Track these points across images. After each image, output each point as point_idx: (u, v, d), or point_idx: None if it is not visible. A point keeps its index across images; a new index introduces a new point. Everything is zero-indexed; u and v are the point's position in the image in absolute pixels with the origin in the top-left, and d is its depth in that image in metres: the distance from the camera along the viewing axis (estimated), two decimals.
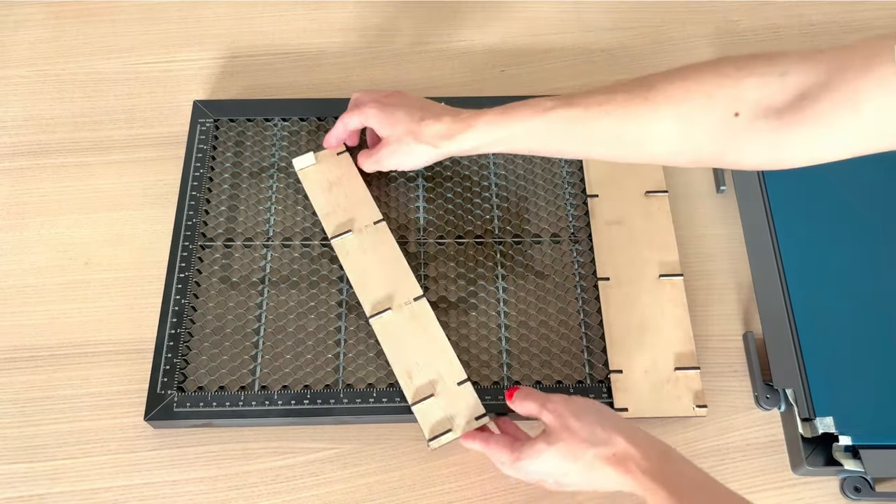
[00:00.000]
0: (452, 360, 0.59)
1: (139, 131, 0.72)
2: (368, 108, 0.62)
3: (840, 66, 0.45)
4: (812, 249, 0.64)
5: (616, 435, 0.49)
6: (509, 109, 0.56)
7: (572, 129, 0.54)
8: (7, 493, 0.56)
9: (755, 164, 0.50)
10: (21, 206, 0.68)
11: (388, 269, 0.62)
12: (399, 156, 0.61)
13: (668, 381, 0.59)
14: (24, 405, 0.59)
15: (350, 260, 0.63)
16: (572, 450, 0.50)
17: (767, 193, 0.67)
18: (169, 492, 0.57)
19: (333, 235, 0.64)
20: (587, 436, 0.50)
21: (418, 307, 0.61)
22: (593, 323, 0.62)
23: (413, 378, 0.58)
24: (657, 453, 0.49)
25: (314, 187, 0.66)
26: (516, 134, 0.56)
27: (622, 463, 0.48)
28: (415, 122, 0.60)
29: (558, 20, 0.79)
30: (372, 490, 0.57)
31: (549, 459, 0.50)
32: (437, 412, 0.57)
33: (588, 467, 0.49)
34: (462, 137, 0.58)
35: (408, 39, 0.78)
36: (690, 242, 0.67)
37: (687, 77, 0.50)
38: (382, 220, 0.64)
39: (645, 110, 0.51)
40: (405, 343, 0.60)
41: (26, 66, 0.75)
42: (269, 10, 0.79)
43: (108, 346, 0.62)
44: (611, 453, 0.49)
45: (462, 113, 0.58)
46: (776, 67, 0.47)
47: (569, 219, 0.67)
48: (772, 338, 0.62)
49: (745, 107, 0.48)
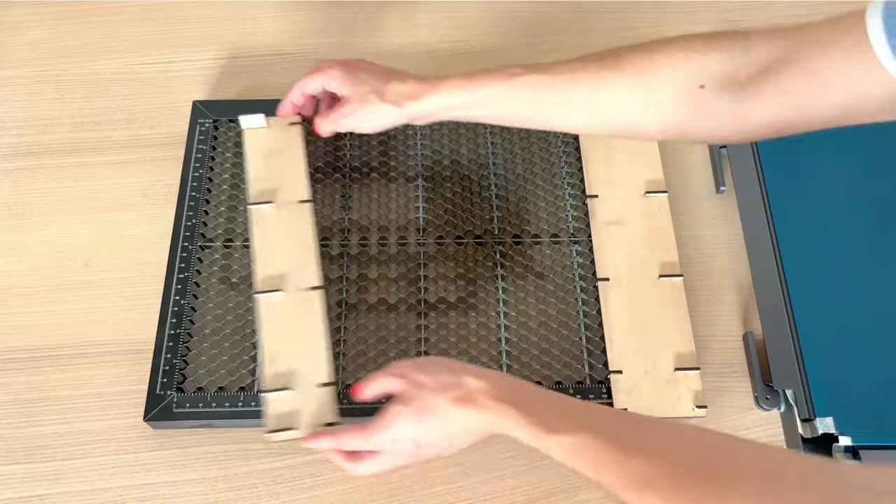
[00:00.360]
0: (324, 360, 0.57)
1: (139, 131, 0.72)
2: (331, 70, 0.61)
3: (804, 42, 0.46)
4: (812, 249, 0.64)
5: (464, 376, 0.50)
6: (475, 74, 0.57)
7: (540, 95, 0.55)
8: (7, 493, 0.56)
9: (721, 137, 0.52)
10: (21, 206, 0.68)
11: (296, 251, 0.62)
12: (360, 115, 0.60)
13: (668, 382, 0.59)
14: (24, 405, 0.59)
15: (260, 230, 0.62)
16: (426, 404, 0.49)
17: (767, 193, 0.67)
18: (169, 492, 0.57)
19: (253, 202, 0.63)
20: (436, 385, 0.50)
21: (311, 297, 0.60)
22: (593, 323, 0.62)
23: (276, 364, 0.57)
24: (504, 382, 0.50)
25: (254, 150, 0.66)
26: (482, 97, 0.56)
27: (472, 399, 0.48)
28: (380, 82, 0.59)
29: (558, 20, 0.79)
30: (372, 490, 0.57)
31: (406, 421, 0.50)
32: (288, 407, 0.56)
33: (444, 417, 0.49)
34: (428, 98, 0.57)
35: (408, 39, 0.78)
36: (690, 242, 0.67)
37: (655, 50, 0.52)
38: (310, 202, 0.63)
39: (614, 79, 0.52)
40: (284, 328, 0.58)
41: (26, 67, 0.75)
42: (269, 10, 0.79)
43: (108, 347, 0.62)
44: (461, 393, 0.49)
45: (429, 77, 0.59)
46: (742, 43, 0.49)
47: (569, 219, 0.67)
48: (772, 338, 0.62)
49: (710, 79, 0.50)
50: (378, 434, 0.50)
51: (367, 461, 0.52)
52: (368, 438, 0.51)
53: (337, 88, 0.61)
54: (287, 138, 0.66)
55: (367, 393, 0.53)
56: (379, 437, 0.50)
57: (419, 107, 0.58)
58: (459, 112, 0.58)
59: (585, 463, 0.44)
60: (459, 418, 0.49)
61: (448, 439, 0.50)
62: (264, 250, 0.61)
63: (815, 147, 0.69)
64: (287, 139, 0.66)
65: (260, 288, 0.60)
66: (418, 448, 0.51)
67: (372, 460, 0.52)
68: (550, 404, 0.48)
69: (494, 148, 0.70)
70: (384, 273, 0.64)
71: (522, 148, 0.70)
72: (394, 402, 0.51)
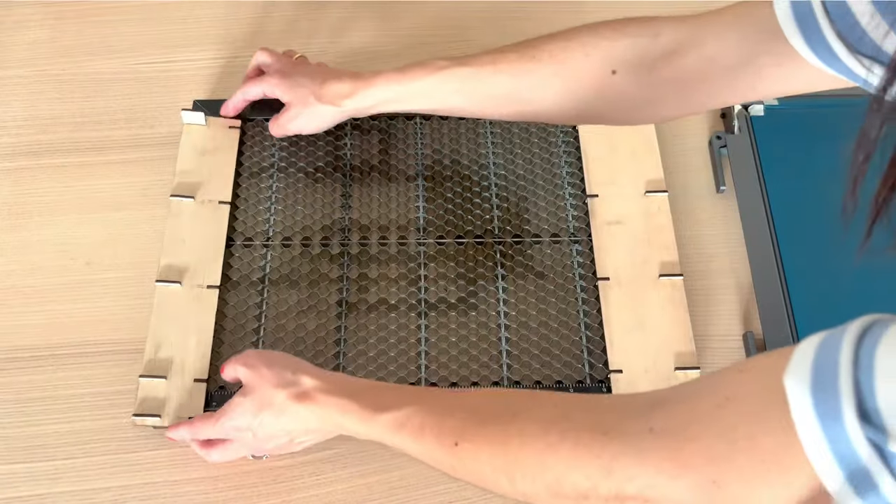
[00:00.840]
0: (205, 356, 0.59)
1: (139, 131, 0.72)
2: (270, 79, 0.65)
3: (711, 24, 0.48)
4: (812, 249, 0.64)
5: (303, 375, 0.51)
6: (407, 69, 0.59)
7: (464, 87, 0.57)
8: (7, 493, 0.56)
9: (638, 120, 0.55)
10: (21, 206, 0.68)
11: (205, 248, 0.63)
12: (302, 118, 0.64)
13: (668, 381, 0.59)
14: (24, 405, 0.59)
15: (175, 223, 0.64)
16: (265, 395, 0.51)
17: (767, 193, 0.67)
18: (169, 491, 0.57)
19: (174, 194, 0.65)
20: (277, 381, 0.51)
21: (206, 295, 0.61)
22: (593, 323, 0.62)
23: (158, 353, 0.59)
24: (342, 380, 0.52)
25: (189, 146, 0.68)
26: (413, 91, 0.59)
27: (308, 396, 0.50)
28: (317, 84, 0.62)
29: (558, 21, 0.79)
30: (372, 490, 0.57)
31: (246, 411, 0.51)
32: (160, 393, 0.57)
33: (279, 412, 0.50)
34: (362, 94, 0.60)
35: (408, 40, 0.78)
36: (690, 242, 0.67)
37: (568, 38, 0.54)
38: (228, 204, 0.65)
39: (532, 68, 0.54)
40: (175, 320, 0.60)
41: (26, 66, 0.75)
42: (269, 10, 0.79)
43: (108, 346, 0.62)
44: (298, 391, 0.50)
45: (363, 74, 0.61)
46: (650, 29, 0.51)
47: (569, 219, 0.67)
48: (772, 338, 0.62)
49: (620, 65, 0.51)
50: (222, 420, 0.52)
51: (218, 448, 0.54)
52: (215, 424, 0.53)
53: (278, 95, 0.64)
54: (224, 139, 0.68)
55: (225, 374, 0.55)
56: (224, 422, 0.52)
57: (355, 103, 0.61)
58: (395, 105, 0.61)
59: (411, 433, 0.46)
60: (296, 414, 0.50)
61: (286, 434, 0.52)
62: (174, 242, 0.63)
63: (815, 147, 0.69)
64: (224, 140, 0.68)
65: (159, 277, 0.61)
66: (257, 439, 0.52)
67: (221, 448, 0.54)
68: (387, 392, 0.50)
69: (495, 147, 0.70)
70: (384, 272, 0.64)
71: (523, 147, 0.70)
72: (239, 391, 0.53)
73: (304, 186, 0.68)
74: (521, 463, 0.41)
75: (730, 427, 0.34)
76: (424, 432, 0.45)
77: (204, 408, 0.57)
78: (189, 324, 0.60)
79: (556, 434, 0.39)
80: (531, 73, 0.55)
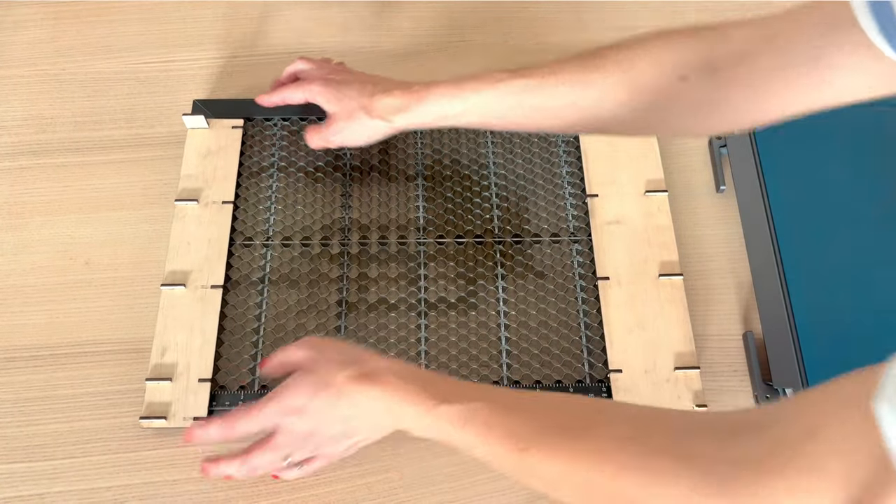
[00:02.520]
0: (208, 356, 0.59)
1: (139, 131, 0.72)
2: (314, 86, 0.62)
3: (782, 22, 0.47)
4: (812, 248, 0.64)
5: (369, 357, 0.49)
6: (461, 82, 0.56)
7: (525, 98, 0.54)
8: (7, 492, 0.56)
9: (706, 128, 0.53)
10: (21, 206, 0.68)
11: (209, 248, 0.63)
12: (349, 132, 0.61)
13: (668, 381, 0.59)
14: (24, 405, 0.59)
15: (180, 227, 0.64)
16: (325, 375, 0.48)
17: (767, 193, 0.67)
18: (169, 491, 0.57)
19: (179, 199, 0.65)
20: (341, 359, 0.49)
21: (210, 294, 0.61)
22: (593, 322, 0.62)
23: (164, 356, 0.59)
24: (404, 365, 0.49)
25: (193, 148, 0.68)
26: (470, 106, 0.56)
27: (371, 377, 0.47)
28: (366, 96, 0.59)
29: (559, 21, 0.79)
30: (372, 490, 0.57)
31: (300, 390, 0.48)
32: (165, 396, 0.57)
33: (338, 393, 0.47)
34: (416, 110, 0.57)
35: (408, 40, 0.78)
36: (690, 242, 0.67)
37: (636, 46, 0.52)
38: (231, 203, 0.65)
39: (597, 77, 0.52)
40: (180, 322, 0.60)
41: (26, 66, 0.75)
42: (269, 10, 0.79)
43: (108, 346, 0.62)
44: (362, 371, 0.48)
45: (412, 86, 0.58)
46: (720, 32, 0.49)
47: (569, 218, 0.67)
48: (772, 338, 0.62)
49: (692, 70, 0.49)
50: (270, 403, 0.48)
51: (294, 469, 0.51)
52: (261, 410, 0.49)
53: (321, 103, 0.62)
54: (227, 139, 0.68)
55: (271, 364, 0.52)
56: (271, 406, 0.48)
57: (407, 119, 0.58)
58: (450, 121, 0.58)
59: (476, 430, 0.44)
60: (357, 398, 0.47)
61: (341, 423, 0.49)
62: (179, 246, 0.63)
63: (815, 146, 0.69)
64: (227, 140, 0.68)
65: (164, 281, 0.62)
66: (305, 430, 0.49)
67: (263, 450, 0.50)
68: (453, 384, 0.48)
69: (495, 147, 0.70)
70: (384, 272, 0.64)
71: (522, 147, 0.70)
72: (297, 371, 0.50)
73: (304, 186, 0.68)
74: (592, 483, 0.39)
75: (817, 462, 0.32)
76: (491, 431, 0.43)
77: (208, 407, 0.57)
78: (193, 324, 0.60)
79: (631, 456, 0.38)
80: (596, 83, 0.52)
